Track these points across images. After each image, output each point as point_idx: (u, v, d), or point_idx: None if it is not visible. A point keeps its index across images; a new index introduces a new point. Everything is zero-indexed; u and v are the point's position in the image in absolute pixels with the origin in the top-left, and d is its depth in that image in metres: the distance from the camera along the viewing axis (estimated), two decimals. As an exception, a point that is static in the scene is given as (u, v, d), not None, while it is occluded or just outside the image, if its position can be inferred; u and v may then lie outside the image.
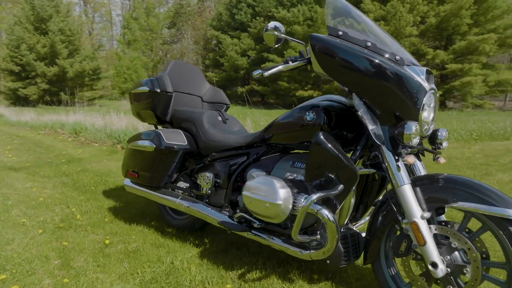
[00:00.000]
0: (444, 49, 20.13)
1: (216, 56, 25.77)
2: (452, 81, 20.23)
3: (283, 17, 22.03)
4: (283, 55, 22.00)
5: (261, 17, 24.40)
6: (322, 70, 1.60)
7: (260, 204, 1.73)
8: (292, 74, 22.39)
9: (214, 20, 27.42)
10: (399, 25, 19.40)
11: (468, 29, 19.73)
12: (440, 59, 19.75)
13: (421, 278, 1.53)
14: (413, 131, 1.45)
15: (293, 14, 21.69)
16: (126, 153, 2.59)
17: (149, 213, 2.96)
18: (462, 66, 19.21)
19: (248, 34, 24.60)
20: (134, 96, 2.63)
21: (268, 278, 1.93)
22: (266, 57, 23.19)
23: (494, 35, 19.12)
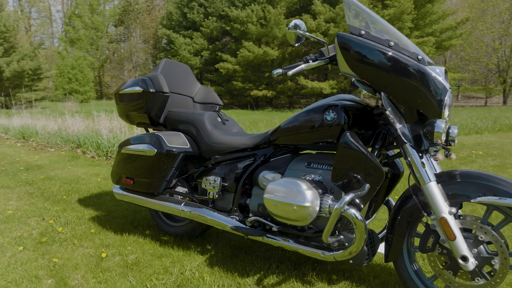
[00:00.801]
0: (389, 51, 21.25)
1: (168, 55, 25.11)
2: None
3: (237, 16, 22.01)
4: (236, 55, 22.00)
5: (214, 17, 24.18)
6: (350, 70, 1.60)
7: (286, 207, 1.69)
8: (246, 74, 22.49)
9: (165, 19, 26.68)
10: (347, 27, 20.16)
11: (409, 32, 21.03)
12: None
13: (448, 272, 1.59)
14: (443, 129, 1.49)
15: (246, 14, 21.73)
16: (118, 158, 2.41)
17: (138, 221, 2.80)
18: (406, 66, 20.43)
19: (201, 34, 24.27)
20: (123, 97, 2.46)
21: (287, 282, 1.90)
22: (220, 56, 23.04)
23: (432, 38, 20.59)
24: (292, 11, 23.30)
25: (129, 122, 2.60)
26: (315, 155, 1.94)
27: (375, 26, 1.72)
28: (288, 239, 1.86)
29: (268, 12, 21.44)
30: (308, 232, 1.84)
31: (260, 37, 22.45)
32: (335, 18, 20.71)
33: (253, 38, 22.35)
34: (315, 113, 1.83)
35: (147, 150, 2.20)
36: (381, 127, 1.78)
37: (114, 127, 6.66)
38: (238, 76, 22.23)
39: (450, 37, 21.66)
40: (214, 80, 23.06)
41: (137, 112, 2.43)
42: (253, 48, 21.41)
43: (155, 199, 2.31)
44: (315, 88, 20.56)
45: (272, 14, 21.32)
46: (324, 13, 21.41)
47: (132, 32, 30.94)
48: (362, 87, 1.76)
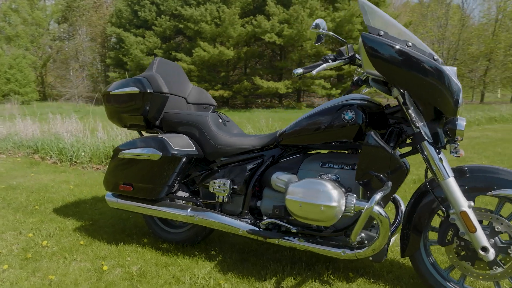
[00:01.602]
0: (341, 52, 22.06)
1: (118, 54, 24.07)
2: (348, 80, 22.32)
3: (191, 15, 21.64)
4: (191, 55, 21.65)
5: (167, 15, 23.58)
6: (374, 69, 1.62)
7: (312, 208, 1.68)
8: (202, 74, 22.23)
9: (114, 16, 25.53)
10: (301, 28, 20.65)
11: (359, 34, 21.99)
12: (338, 61, 21.59)
13: (466, 263, 1.67)
14: (464, 127, 1.57)
15: (200, 13, 21.45)
16: (114, 164, 2.26)
17: (130, 230, 2.65)
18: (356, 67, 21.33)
19: (153, 32, 23.54)
20: (115, 98, 2.32)
21: (305, 283, 1.90)
22: (174, 55, 22.52)
23: (380, 40, 21.69)
24: (247, 11, 23.38)
25: (120, 125, 2.45)
26: (329, 155, 1.95)
27: (391, 27, 1.76)
28: (306, 240, 1.86)
29: (223, 12, 21.33)
30: (326, 231, 1.85)
31: (215, 36, 22.27)
32: (288, 20, 21.09)
33: (207, 37, 22.11)
34: (331, 112, 1.84)
35: (151, 154, 2.09)
36: (393, 126, 1.83)
37: (74, 130, 6.26)
38: (193, 75, 21.89)
39: (395, 39, 22.94)
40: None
41: (131, 114, 2.29)
42: (208, 47, 21.19)
43: (156, 206, 2.20)
44: (270, 88, 20.82)
45: (227, 14, 21.24)
46: (278, 14, 21.73)
47: (78, 29, 29.26)
48: (377, 86, 1.80)
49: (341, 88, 22.33)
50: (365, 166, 1.68)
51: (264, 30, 21.27)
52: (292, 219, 1.92)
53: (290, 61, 23.16)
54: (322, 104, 2.01)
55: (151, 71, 2.35)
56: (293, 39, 21.27)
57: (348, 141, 1.84)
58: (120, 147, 2.25)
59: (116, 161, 2.25)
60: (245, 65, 24.66)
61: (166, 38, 24.55)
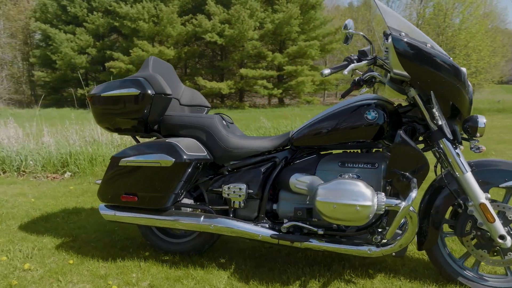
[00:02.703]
0: (280, 53, 22.59)
1: (46, 52, 22.09)
2: (288, 80, 22.93)
3: (127, 13, 20.63)
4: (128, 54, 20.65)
5: (99, 12, 22.21)
6: (403, 70, 1.67)
7: (347, 208, 1.68)
8: (141, 74, 21.30)
9: (38, 11, 23.38)
10: (242, 29, 20.76)
11: (297, 35, 22.70)
12: (278, 61, 22.09)
13: (483, 251, 1.79)
14: (484, 124, 1.67)
15: (137, 10, 20.54)
16: (114, 173, 2.06)
17: (123, 243, 2.43)
18: (296, 67, 22.00)
19: (85, 29, 22.01)
20: (109, 100, 2.12)
21: (330, 284, 1.89)
22: (110, 54, 21.31)
23: (318, 42, 22.60)
24: (185, 10, 22.91)
25: (110, 129, 2.24)
26: (345, 155, 1.97)
27: (407, 28, 1.82)
28: (332, 241, 1.86)
29: (160, 10, 20.66)
30: (350, 231, 1.87)
31: (153, 35, 21.51)
32: (230, 20, 21.07)
33: (145, 36, 21.26)
34: (352, 113, 1.86)
35: (162, 161, 1.93)
36: (407, 125, 1.90)
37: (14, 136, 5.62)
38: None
39: (331, 41, 24.04)
40: (104, 80, 21.16)
41: (128, 117, 2.12)
42: (147, 47, 20.39)
43: (164, 216, 2.05)
44: (213, 88, 20.66)
45: (165, 12, 20.63)
46: (219, 14, 21.60)
47: (-5, 24, 26.32)
48: (393, 86, 1.85)
49: (282, 88, 22.85)
50: (395, 165, 1.72)
51: (205, 29, 21.01)
52: (315, 220, 1.91)
53: (231, 61, 23.17)
54: (335, 105, 2.02)
55: (147, 71, 2.19)
56: (234, 39, 21.29)
57: (366, 141, 1.87)
58: (120, 155, 2.05)
59: (116, 170, 2.05)
60: (185, 65, 24.16)
61: (99, 36, 23.15)
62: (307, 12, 23.09)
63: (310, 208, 1.92)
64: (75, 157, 4.40)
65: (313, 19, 23.49)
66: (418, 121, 1.88)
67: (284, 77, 23.61)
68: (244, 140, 2.09)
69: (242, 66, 22.32)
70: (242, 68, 21.60)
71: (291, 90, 23.34)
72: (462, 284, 1.82)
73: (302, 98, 23.48)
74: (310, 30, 23.62)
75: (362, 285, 1.88)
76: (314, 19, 23.60)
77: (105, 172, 2.11)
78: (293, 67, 21.97)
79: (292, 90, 23.32)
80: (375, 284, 1.88)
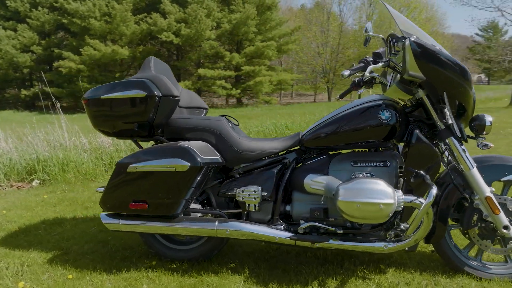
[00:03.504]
0: (238, 53, 22.63)
1: (-17, 50, 20.38)
2: (247, 81, 23.02)
3: (76, 10, 19.58)
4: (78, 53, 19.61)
5: (44, 7, 20.87)
6: (419, 72, 1.73)
7: (371, 207, 1.72)
8: (93, 74, 20.38)
9: (-27, 5, 21.53)
10: (199, 28, 20.52)
11: (254, 36, 22.87)
12: (236, 62, 22.12)
13: (487, 241, 1.91)
14: (492, 123, 1.79)
15: (88, 8, 19.56)
16: (120, 180, 1.94)
17: (123, 253, 2.30)
18: (254, 68, 22.16)
19: (28, 26, 20.58)
20: (110, 103, 2.00)
21: (348, 282, 1.93)
22: (58, 53, 20.11)
23: (274, 43, 22.91)
24: (139, 8, 22.21)
25: (109, 133, 2.12)
26: (357, 154, 2.01)
27: (416, 31, 1.90)
28: (350, 240, 1.89)
29: (113, 8, 19.85)
30: (365, 228, 1.91)
31: (105, 34, 20.61)
32: (186, 19, 20.73)
33: (97, 34, 20.32)
34: (365, 113, 1.91)
35: (177, 165, 1.85)
36: (413, 124, 1.98)
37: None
38: (83, 76, 19.90)
39: (287, 42, 24.50)
40: (51, 80, 19.93)
41: (131, 121, 2.01)
42: (99, 46, 19.51)
43: (176, 223, 1.97)
44: (170, 88, 20.19)
45: (118, 10, 19.87)
46: (175, 13, 21.19)
47: None
48: (402, 87, 1.92)
49: (241, 88, 22.88)
50: (412, 163, 1.79)
51: (160, 28, 20.53)
52: (332, 220, 1.93)
53: (188, 61, 22.84)
54: (343, 107, 2.06)
55: (150, 72, 2.09)
56: (191, 39, 21.01)
57: (376, 140, 1.93)
58: (127, 161, 1.94)
59: (124, 177, 1.93)
60: (140, 65, 23.43)
61: (45, 34, 21.76)
62: (264, 13, 23.34)
63: (326, 208, 1.94)
64: (44, 163, 4.10)
65: (269, 20, 23.79)
66: (423, 120, 1.96)
67: (242, 77, 23.67)
68: (255, 142, 2.07)
69: (200, 66, 22.10)
70: (200, 68, 21.37)
71: (249, 90, 23.48)
72: (468, 274, 1.93)
73: (260, 98, 23.71)
74: (266, 31, 23.90)
75: (378, 280, 1.93)
76: (270, 20, 23.91)
77: (110, 180, 1.99)
78: (251, 67, 22.12)
79: (250, 90, 23.46)
80: (388, 278, 1.94)
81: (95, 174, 4.16)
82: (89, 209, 3.21)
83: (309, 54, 27.84)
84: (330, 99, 27.93)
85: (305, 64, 27.56)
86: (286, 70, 26.76)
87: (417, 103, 1.98)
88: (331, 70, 27.67)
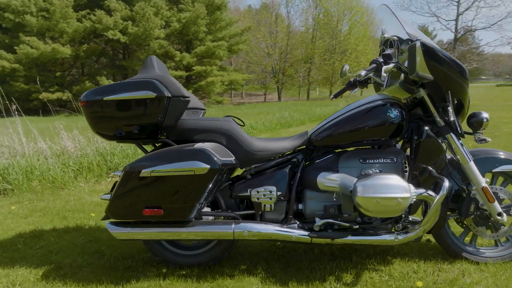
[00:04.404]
0: (188, 52, 22.25)
1: None
2: (198, 81, 22.71)
3: (8, 4, 18.00)
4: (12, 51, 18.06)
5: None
6: (428, 72, 1.84)
7: (390, 201, 1.79)
8: (31, 74, 18.86)
9: None
10: (148, 27, 19.88)
11: (204, 35, 22.62)
12: (187, 61, 21.73)
13: (482, 227, 2.08)
14: (488, 119, 1.95)
15: (22, 2, 18.08)
16: (133, 186, 1.83)
17: (124, 263, 2.18)
18: (205, 68, 21.92)
19: (-49, 20, 18.56)
20: (114, 104, 1.88)
21: (363, 275, 2.00)
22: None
23: (225, 43, 22.84)
24: (81, 5, 20.98)
25: (109, 137, 2.00)
26: (364, 151, 2.08)
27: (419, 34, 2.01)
28: (363, 234, 1.96)
29: (51, 3, 18.54)
30: (376, 222, 2.00)
31: (43, 31, 19.20)
32: (133, 17, 19.97)
33: (34, 31, 18.85)
34: (373, 112, 1.99)
35: (196, 168, 1.79)
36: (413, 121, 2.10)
37: None
38: (18, 76, 18.43)
39: (237, 42, 24.53)
40: None
41: (139, 123, 1.91)
42: (37, 43, 18.12)
43: (190, 227, 1.91)
44: (120, 89, 19.33)
45: (57, 6, 18.58)
46: (120, 10, 20.31)
47: None
48: (404, 86, 2.02)
49: (192, 88, 22.51)
50: (421, 159, 1.90)
51: (106, 26, 19.55)
52: (346, 216, 1.99)
53: (136, 60, 22.02)
54: (349, 106, 2.13)
55: (153, 72, 2.01)
56: (139, 37, 20.26)
57: (383, 138, 2.02)
58: (139, 165, 1.83)
59: (136, 182, 1.83)
60: (83, 64, 22.17)
61: (-27, 30, 19.80)
62: (213, 13, 23.17)
63: (339, 204, 2.00)
64: (3, 172, 3.74)
65: (219, 19, 23.67)
66: (422, 118, 2.09)
67: (193, 78, 23.32)
68: (266, 142, 2.07)
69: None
70: (149, 68, 20.68)
71: (201, 90, 23.18)
72: (466, 259, 2.09)
73: (212, 98, 23.52)
74: (216, 31, 23.76)
75: (388, 271, 2.03)
76: (220, 20, 23.80)
77: (118, 186, 1.87)
78: (202, 68, 21.85)
79: (202, 91, 23.17)
80: (397, 269, 2.05)
81: (64, 181, 3.88)
82: (68, 218, 2.99)
83: (259, 54, 28.15)
84: (280, 98, 28.43)
85: (255, 64, 27.82)
86: (236, 70, 26.79)
87: (415, 101, 2.11)
88: (281, 71, 28.21)
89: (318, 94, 33.04)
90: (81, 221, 2.92)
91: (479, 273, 1.97)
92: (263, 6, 32.29)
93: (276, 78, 28.05)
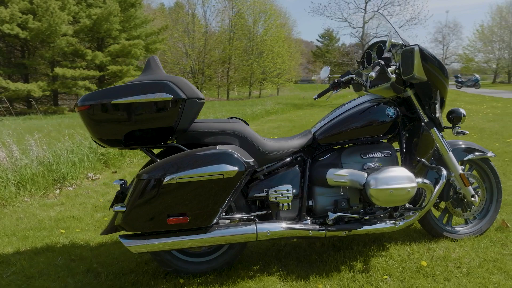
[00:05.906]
0: (101, 51, 20.79)
1: None
2: (113, 81, 21.36)
3: None
4: None
5: None
6: (423, 75, 2.05)
7: (401, 191, 1.96)
8: None
9: None
10: (53, 22, 18.09)
11: (118, 34, 21.35)
12: (100, 61, 20.29)
13: (459, 209, 2.40)
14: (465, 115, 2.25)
15: None
16: (154, 194, 1.69)
17: (128, 278, 2.01)
18: (121, 67, 20.71)
19: None
20: (123, 108, 1.74)
21: (368, 261, 2.15)
22: None
23: (142, 42, 21.86)
24: (-33, -7, 18.20)
25: (112, 142, 1.85)
26: (362, 147, 2.24)
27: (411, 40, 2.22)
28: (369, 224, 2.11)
29: None
30: (379, 212, 2.17)
31: None
32: (35, 10, 17.97)
33: None
34: (374, 111, 2.16)
35: (225, 172, 1.74)
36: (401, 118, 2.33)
37: None
38: None
39: (154, 41, 23.62)
40: None
41: (152, 126, 1.80)
42: None
43: (212, 233, 1.86)
44: (20, 90, 17.31)
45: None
46: (18, 2, 18.11)
47: None
48: (395, 87, 2.23)
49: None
50: (422, 151, 2.13)
51: (1, 19, 17.25)
52: (355, 209, 2.12)
53: (40, 59, 19.91)
54: (346, 106, 2.27)
55: (160, 72, 1.90)
56: (43, 33, 18.30)
57: (381, 134, 2.20)
58: (159, 172, 1.70)
59: (159, 190, 1.70)
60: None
61: None
62: (127, 10, 22.03)
63: (348, 198, 2.12)
64: None
65: (133, 17, 22.58)
66: (407, 115, 2.32)
67: (107, 78, 21.85)
68: (276, 142, 2.10)
69: (55, 65, 19.46)
70: (56, 67, 18.82)
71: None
72: (447, 237, 2.38)
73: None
74: (131, 29, 22.62)
75: (389, 255, 2.21)
76: (135, 18, 22.72)
77: (134, 196, 1.71)
78: (118, 67, 20.60)
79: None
80: (395, 252, 2.24)
81: (5, 198, 3.37)
82: (30, 238, 2.63)
83: (177, 54, 27.50)
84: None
85: (173, 64, 27.10)
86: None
87: (398, 100, 2.33)
88: (199, 71, 27.96)
89: (237, 94, 33.49)
90: (49, 240, 2.59)
91: (461, 248, 2.26)
92: (177, 5, 31.61)
93: (196, 79, 27.72)
